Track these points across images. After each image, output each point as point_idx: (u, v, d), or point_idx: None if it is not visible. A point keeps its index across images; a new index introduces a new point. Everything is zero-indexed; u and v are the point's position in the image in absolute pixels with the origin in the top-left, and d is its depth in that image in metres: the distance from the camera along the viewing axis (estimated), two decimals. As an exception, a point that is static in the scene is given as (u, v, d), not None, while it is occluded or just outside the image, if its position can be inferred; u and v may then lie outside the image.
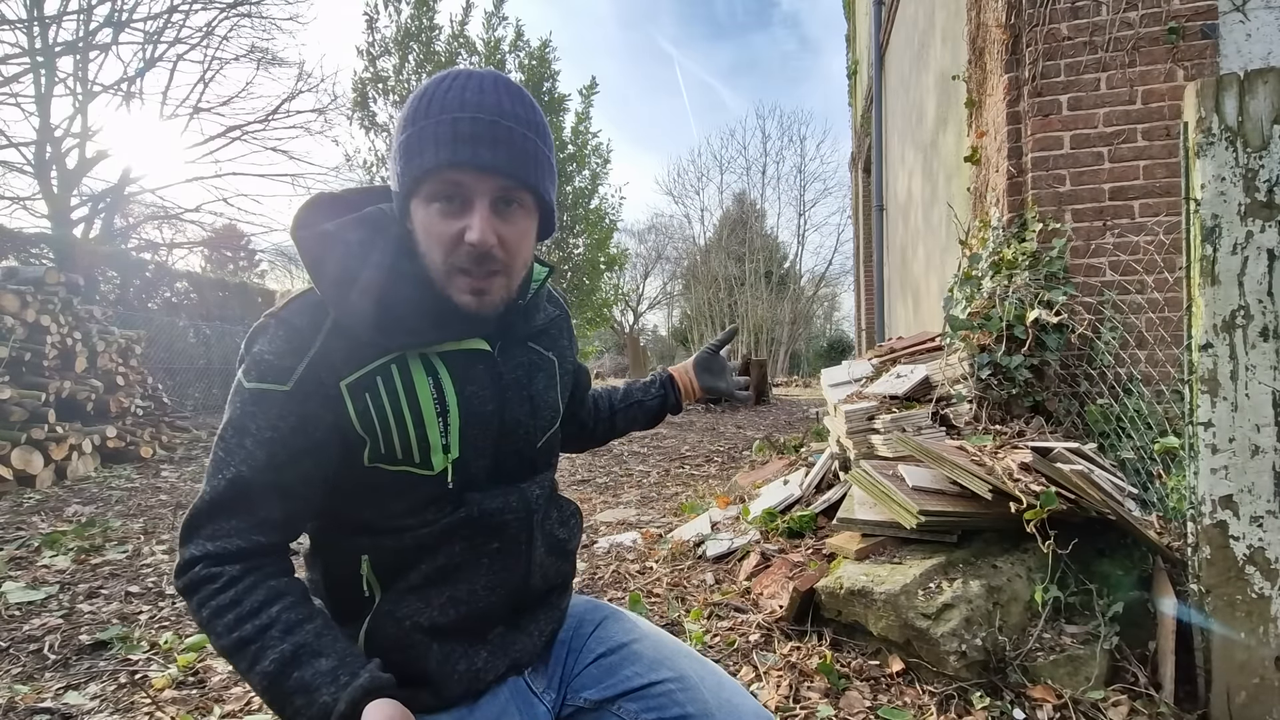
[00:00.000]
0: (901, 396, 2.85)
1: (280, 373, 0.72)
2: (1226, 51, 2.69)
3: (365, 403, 0.74)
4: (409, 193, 0.74)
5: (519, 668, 0.85)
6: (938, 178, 4.55)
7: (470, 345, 0.80)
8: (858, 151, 10.02)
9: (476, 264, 0.73)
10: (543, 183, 0.77)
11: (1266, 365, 1.47)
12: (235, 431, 0.72)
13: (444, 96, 0.72)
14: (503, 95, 0.73)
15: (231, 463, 0.71)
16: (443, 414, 0.76)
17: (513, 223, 0.75)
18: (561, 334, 0.97)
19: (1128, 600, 1.74)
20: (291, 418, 0.72)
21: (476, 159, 0.70)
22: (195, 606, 0.70)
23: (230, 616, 0.68)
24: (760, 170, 43.26)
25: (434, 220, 0.73)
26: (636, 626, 0.93)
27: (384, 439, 0.74)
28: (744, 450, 6.24)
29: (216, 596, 0.69)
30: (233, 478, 0.71)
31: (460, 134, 0.70)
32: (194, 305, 10.76)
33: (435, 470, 0.77)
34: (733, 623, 2.18)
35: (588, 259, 15.67)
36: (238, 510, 0.71)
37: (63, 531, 3.44)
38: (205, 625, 0.70)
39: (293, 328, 0.73)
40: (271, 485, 0.72)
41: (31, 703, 1.79)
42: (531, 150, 0.74)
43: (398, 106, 13.72)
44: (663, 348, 36.94)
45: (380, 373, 0.74)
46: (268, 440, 0.71)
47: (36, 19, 10.67)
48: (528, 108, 0.75)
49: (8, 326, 5.03)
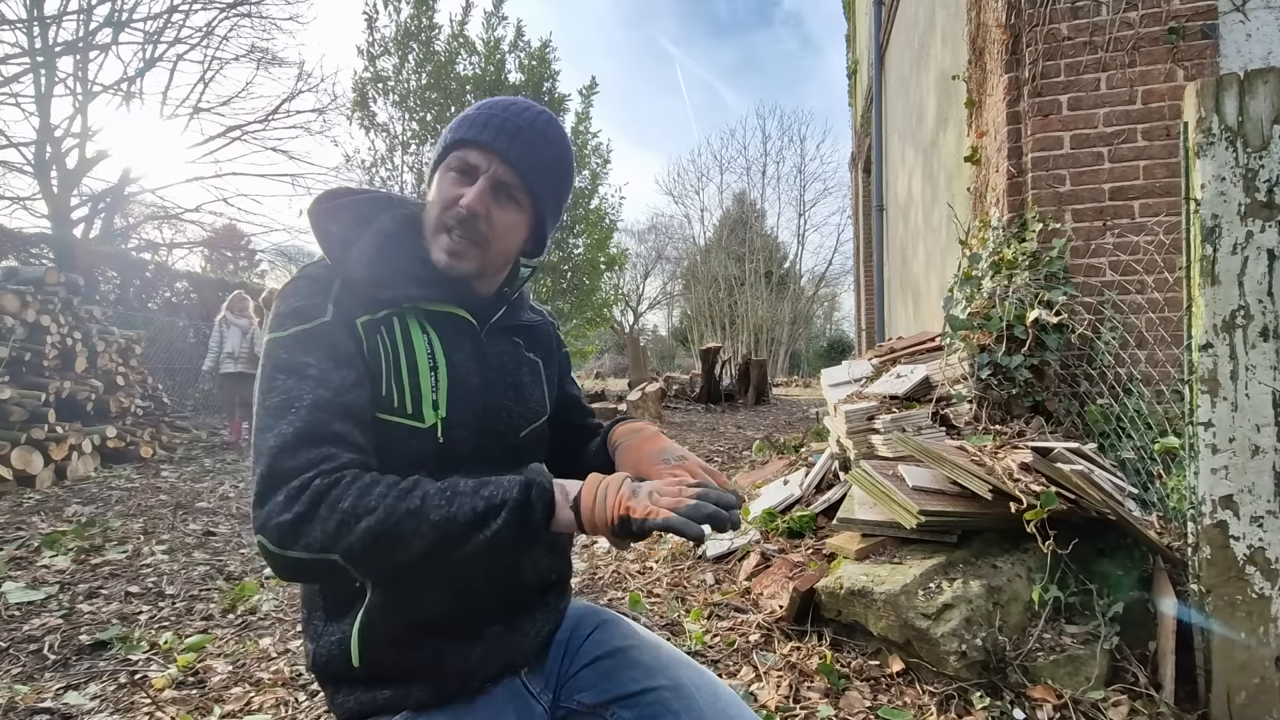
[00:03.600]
0: (901, 396, 2.85)
1: (316, 309, 0.78)
2: (1226, 51, 2.69)
3: (376, 342, 0.80)
4: (437, 163, 0.85)
5: (515, 667, 0.86)
6: (938, 178, 4.55)
7: (455, 311, 0.86)
8: (858, 151, 10.02)
9: (460, 225, 0.81)
10: (544, 195, 0.86)
11: (1266, 365, 1.47)
12: (290, 373, 0.73)
13: (498, 102, 0.85)
14: (542, 120, 0.85)
15: (301, 399, 0.71)
16: (434, 369, 0.82)
17: (504, 210, 0.84)
18: (549, 339, 1.02)
19: (1128, 600, 1.74)
20: (341, 344, 0.77)
21: (495, 143, 0.81)
22: (325, 513, 0.66)
23: (380, 487, 0.68)
24: (760, 170, 43.08)
25: (444, 184, 0.83)
26: (634, 632, 0.93)
27: (385, 383, 0.79)
28: (744, 450, 6.24)
29: (354, 483, 0.68)
30: (311, 404, 0.71)
31: (492, 124, 0.82)
32: (194, 305, 10.75)
33: (426, 424, 0.80)
34: (733, 623, 2.18)
35: (588, 259, 15.66)
36: (328, 431, 0.71)
37: (63, 531, 3.44)
38: (348, 515, 0.66)
39: (311, 277, 0.81)
40: (350, 404, 0.74)
41: (31, 703, 1.79)
42: (546, 167, 0.85)
43: (397, 106, 13.70)
44: (663, 348, 36.94)
45: (385, 322, 0.81)
46: (331, 366, 0.74)
47: (36, 19, 10.66)
48: (561, 142, 0.87)
49: (8, 326, 5.03)
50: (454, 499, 0.68)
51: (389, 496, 0.67)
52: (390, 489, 0.68)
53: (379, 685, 0.78)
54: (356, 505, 0.66)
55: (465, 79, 13.63)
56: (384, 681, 0.79)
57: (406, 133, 13.74)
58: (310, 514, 0.66)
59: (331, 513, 0.66)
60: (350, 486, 0.68)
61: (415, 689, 0.78)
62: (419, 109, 13.57)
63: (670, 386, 12.27)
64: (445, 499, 0.68)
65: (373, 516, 0.66)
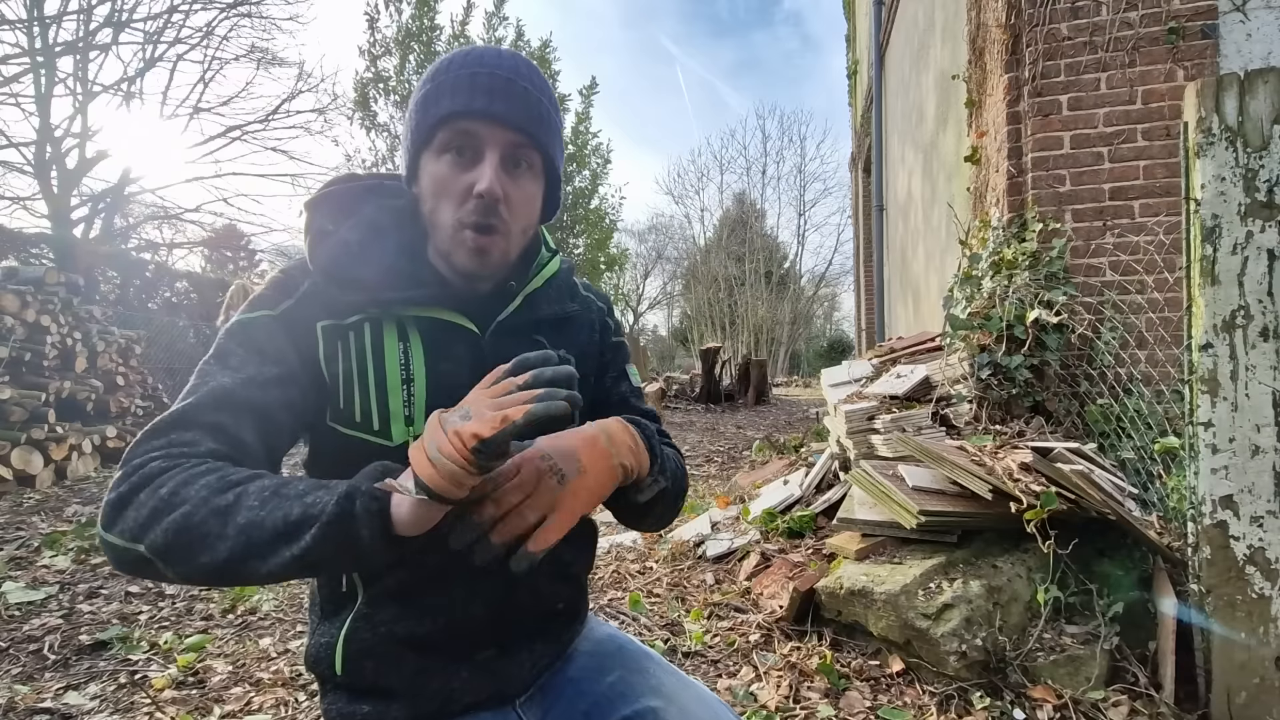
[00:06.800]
0: (901, 396, 2.85)
1: (269, 302, 0.74)
2: (1226, 51, 2.69)
3: (335, 350, 0.74)
4: (422, 145, 0.75)
5: (505, 696, 0.79)
6: (938, 178, 4.55)
7: (448, 317, 0.77)
8: (858, 151, 10.02)
9: (483, 215, 0.72)
10: (553, 146, 0.78)
11: (1266, 365, 1.47)
12: (217, 355, 0.71)
13: (464, 57, 0.75)
14: (519, 62, 0.76)
15: (210, 378, 0.68)
16: (407, 382, 0.74)
17: (520, 184, 0.76)
18: (588, 331, 0.91)
19: (1128, 600, 1.74)
20: (277, 339, 0.72)
21: (491, 109, 0.72)
22: (143, 499, 0.58)
23: (210, 477, 0.59)
24: (760, 170, 43.18)
25: (444, 172, 0.73)
26: (662, 685, 0.81)
27: (345, 396, 0.73)
28: (744, 450, 6.24)
29: (187, 470, 0.60)
30: (212, 388, 0.67)
31: (478, 86, 0.72)
32: (194, 305, 10.75)
33: (395, 442, 0.73)
34: (733, 623, 2.18)
35: (588, 259, 15.68)
36: (203, 420, 0.65)
37: (63, 531, 3.44)
38: (159, 507, 0.58)
39: (287, 274, 0.77)
40: (247, 399, 0.68)
41: (31, 703, 1.79)
42: (544, 112, 0.76)
43: (398, 106, 13.72)
44: (663, 348, 36.94)
45: (354, 328, 0.75)
46: (254, 358, 0.70)
47: (36, 19, 10.67)
48: (543, 80, 0.78)
49: (8, 326, 5.03)
50: (271, 501, 0.58)
51: (210, 488, 0.58)
52: (219, 480, 0.59)
53: (358, 698, 0.75)
54: (174, 494, 0.58)
55: (465, 79, 13.63)
56: (363, 694, 0.75)
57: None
58: (131, 496, 0.59)
59: (150, 498, 0.58)
60: (181, 472, 0.59)
61: (393, 707, 0.73)
62: (419, 109, 13.58)
63: (670, 386, 12.27)
64: (262, 499, 0.58)
65: (184, 508, 0.57)
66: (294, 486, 0.60)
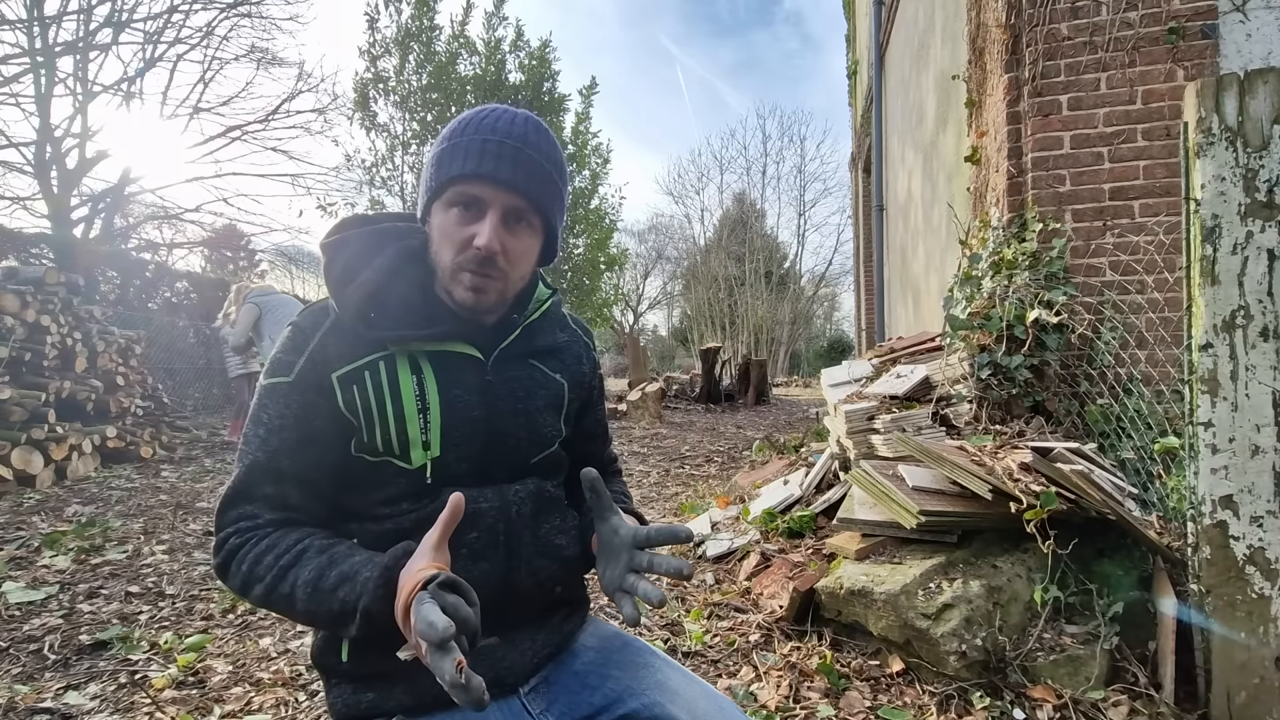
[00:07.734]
0: (901, 396, 2.85)
1: (285, 367, 0.81)
2: (1226, 51, 2.69)
3: (353, 393, 0.80)
4: (434, 196, 0.83)
5: (506, 685, 0.82)
6: (938, 178, 4.55)
7: (458, 349, 0.85)
8: (858, 151, 10.02)
9: (479, 265, 0.80)
10: (552, 209, 0.85)
11: (1266, 365, 1.47)
12: (252, 424, 0.81)
13: (480, 121, 0.82)
14: (530, 130, 0.83)
15: (249, 451, 0.80)
16: (423, 411, 0.81)
17: (519, 237, 0.83)
18: (578, 361, 0.99)
19: (1128, 600, 1.74)
20: (295, 406, 0.80)
21: (497, 174, 0.79)
22: (235, 570, 0.76)
23: (269, 557, 0.75)
24: (760, 170, 43.17)
25: (450, 223, 0.81)
26: (668, 681, 0.85)
27: (367, 430, 0.81)
28: (744, 450, 6.24)
29: (253, 548, 0.76)
30: (250, 464, 0.80)
31: (488, 152, 0.79)
32: (194, 305, 10.75)
33: (414, 465, 0.81)
34: (733, 623, 2.18)
35: (588, 259, 15.66)
36: (258, 493, 0.79)
37: (63, 531, 3.44)
38: (246, 579, 0.75)
39: (298, 329, 0.83)
40: (284, 469, 0.80)
41: (31, 703, 1.79)
42: (548, 180, 0.83)
43: (398, 106, 13.70)
44: (663, 348, 36.93)
45: (368, 368, 0.81)
46: (277, 428, 0.80)
47: (36, 19, 10.66)
48: (552, 146, 0.85)
49: (8, 326, 5.02)
50: (315, 596, 0.73)
51: (273, 570, 0.74)
52: (276, 561, 0.75)
53: (364, 686, 0.79)
54: (251, 572, 0.75)
55: (466, 79, 13.65)
56: (368, 682, 0.79)
57: (407, 133, 13.76)
58: (225, 567, 0.77)
59: (238, 571, 0.76)
60: (251, 551, 0.76)
61: (396, 692, 0.78)
62: (420, 109, 13.59)
63: (670, 386, 12.27)
64: (308, 593, 0.73)
65: (261, 586, 0.74)
66: (328, 577, 0.73)
